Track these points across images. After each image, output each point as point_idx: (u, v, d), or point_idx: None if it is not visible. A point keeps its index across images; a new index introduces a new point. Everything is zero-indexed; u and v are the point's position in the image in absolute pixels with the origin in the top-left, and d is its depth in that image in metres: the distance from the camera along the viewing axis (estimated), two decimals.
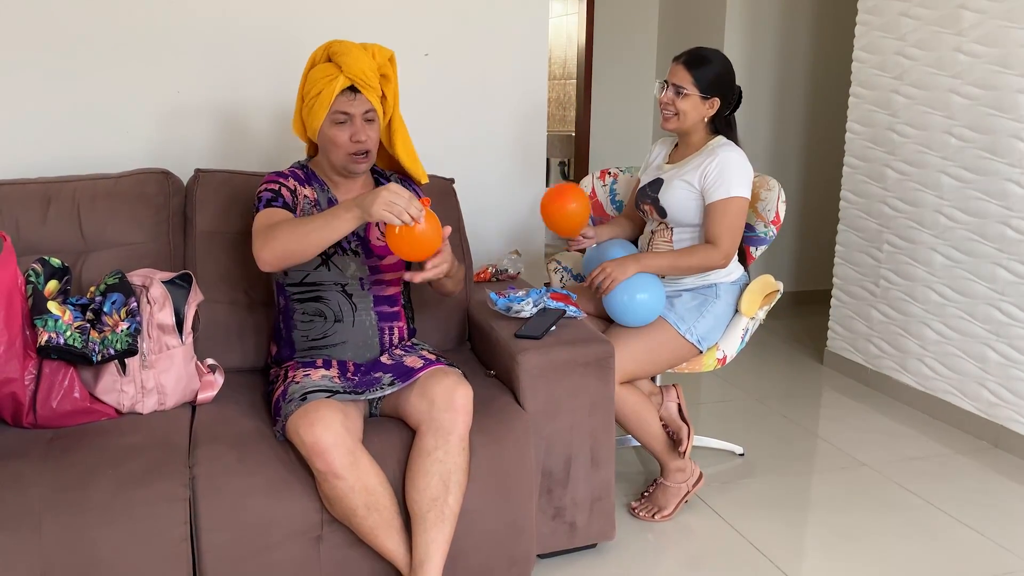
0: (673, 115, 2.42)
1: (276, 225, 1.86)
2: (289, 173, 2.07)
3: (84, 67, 2.49)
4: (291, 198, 2.01)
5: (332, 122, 1.97)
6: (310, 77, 1.98)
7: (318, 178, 2.09)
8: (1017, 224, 2.83)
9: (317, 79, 1.96)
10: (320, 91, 1.94)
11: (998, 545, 2.32)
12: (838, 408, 3.33)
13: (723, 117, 2.45)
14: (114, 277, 1.97)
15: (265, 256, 1.85)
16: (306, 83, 1.99)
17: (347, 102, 1.95)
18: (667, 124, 2.45)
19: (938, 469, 2.78)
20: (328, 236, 1.79)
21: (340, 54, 1.95)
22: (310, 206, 2.04)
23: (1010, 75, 2.83)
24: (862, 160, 3.51)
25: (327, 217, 1.79)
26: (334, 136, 1.98)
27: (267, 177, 2.06)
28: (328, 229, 1.79)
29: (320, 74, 1.96)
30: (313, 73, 1.98)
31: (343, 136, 1.97)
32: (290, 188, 2.03)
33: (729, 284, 2.48)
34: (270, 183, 2.03)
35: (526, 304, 2.23)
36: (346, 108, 1.96)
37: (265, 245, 1.85)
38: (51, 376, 1.84)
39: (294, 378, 1.92)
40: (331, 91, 1.93)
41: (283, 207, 1.98)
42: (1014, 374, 2.88)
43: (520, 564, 2.02)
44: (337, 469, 1.72)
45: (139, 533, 1.68)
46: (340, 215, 1.78)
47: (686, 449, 2.40)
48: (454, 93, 2.88)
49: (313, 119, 1.97)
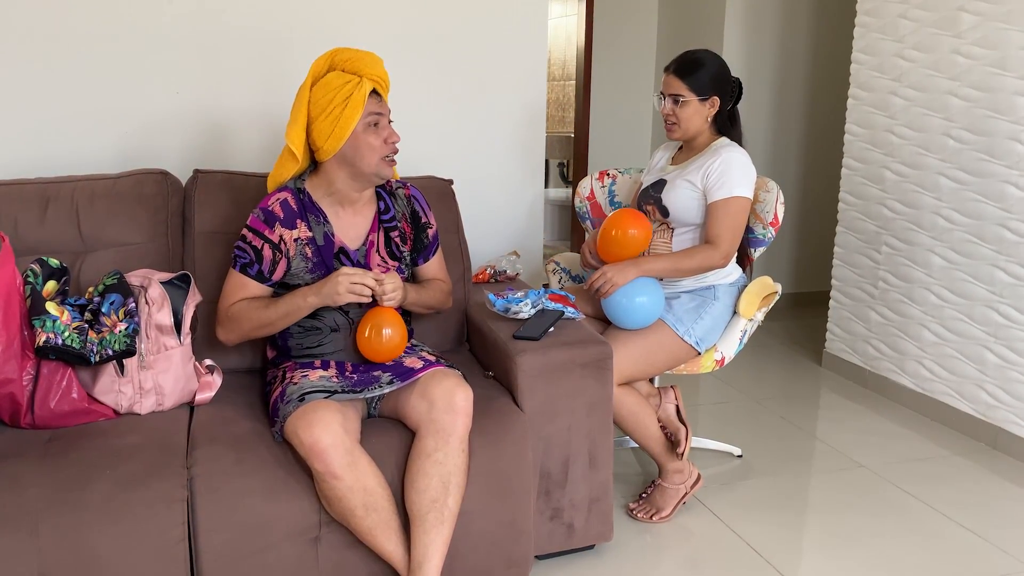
0: (676, 124, 2.42)
1: (240, 314, 1.97)
2: (281, 209, 1.98)
3: (82, 67, 2.49)
4: (271, 261, 1.97)
5: (366, 125, 1.93)
6: (325, 88, 1.91)
7: (315, 207, 2.01)
8: (1015, 226, 2.83)
9: (337, 87, 1.90)
10: (348, 96, 1.89)
11: (995, 547, 2.32)
12: (836, 410, 3.33)
13: (726, 112, 2.46)
14: (112, 278, 1.97)
15: (223, 339, 2.02)
16: (320, 95, 1.91)
17: (377, 104, 1.94)
18: (673, 135, 2.45)
19: (936, 470, 2.79)
20: (288, 324, 1.97)
21: (353, 60, 1.93)
22: (302, 247, 1.98)
23: (1008, 77, 2.83)
24: (861, 162, 3.52)
25: (288, 308, 1.93)
26: (370, 140, 1.93)
27: (253, 220, 1.98)
28: (288, 320, 1.95)
29: (338, 82, 1.90)
30: (326, 85, 1.91)
31: (378, 140, 1.94)
32: (274, 243, 1.97)
33: (728, 286, 2.49)
34: (253, 235, 1.97)
35: (524, 305, 2.23)
36: (379, 109, 1.94)
37: (226, 332, 2.01)
38: (49, 376, 1.84)
39: (292, 379, 1.92)
40: (362, 95, 1.89)
41: (257, 277, 1.98)
42: (1012, 376, 2.88)
43: (518, 565, 2.02)
44: (335, 469, 1.72)
45: (137, 534, 1.68)
46: (301, 308, 1.92)
47: (684, 450, 2.40)
48: (453, 94, 2.89)
49: (342, 128, 1.90)
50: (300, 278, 2.00)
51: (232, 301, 2.00)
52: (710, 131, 2.46)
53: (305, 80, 1.95)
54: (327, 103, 1.91)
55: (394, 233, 2.10)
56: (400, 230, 2.12)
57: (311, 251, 1.99)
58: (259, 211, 2.00)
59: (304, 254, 1.99)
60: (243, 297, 1.99)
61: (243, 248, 1.99)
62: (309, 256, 1.99)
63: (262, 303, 1.97)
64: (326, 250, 2.00)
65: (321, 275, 2.00)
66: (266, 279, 1.99)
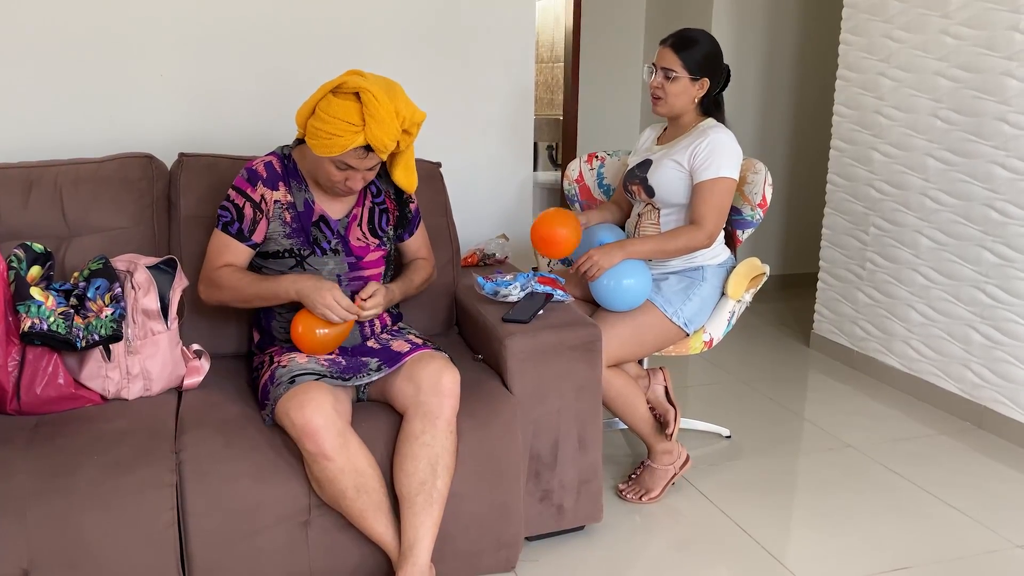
0: (663, 99, 2.41)
1: (223, 281, 1.97)
2: (265, 169, 1.99)
3: (66, 50, 2.46)
4: (251, 220, 1.96)
5: (332, 163, 1.89)
6: (330, 110, 1.81)
7: (298, 174, 2.02)
8: (1001, 206, 2.85)
9: (337, 120, 1.80)
10: (335, 136, 1.81)
11: (981, 524, 2.35)
12: (824, 390, 3.35)
13: (712, 96, 2.45)
14: (98, 262, 1.95)
15: (205, 299, 2.04)
16: (325, 112, 1.82)
17: (357, 159, 1.87)
18: (658, 108, 2.44)
19: (922, 450, 2.81)
20: (266, 304, 1.98)
21: (371, 111, 1.80)
22: (280, 210, 1.99)
23: (995, 57, 2.83)
24: (849, 143, 3.52)
25: (270, 289, 1.93)
26: (329, 172, 1.90)
27: (238, 180, 2.00)
28: (266, 301, 1.96)
29: (342, 114, 1.80)
30: (335, 108, 1.81)
31: (338, 175, 1.91)
32: (255, 201, 1.96)
33: (716, 267, 2.49)
34: (236, 194, 1.98)
35: (513, 288, 2.23)
36: (353, 163, 1.87)
37: (208, 293, 2.02)
38: (35, 362, 1.82)
39: (280, 362, 1.91)
40: (346, 144, 1.82)
41: (237, 236, 1.97)
42: (997, 355, 2.90)
43: (508, 547, 2.03)
44: (327, 450, 1.72)
45: (126, 519, 1.67)
46: (279, 295, 1.92)
47: (673, 432, 2.41)
48: (441, 76, 2.86)
49: (316, 149, 1.85)
50: (277, 243, 2.00)
51: (216, 263, 1.99)
52: (696, 112, 2.46)
53: (333, 81, 1.83)
54: (322, 123, 1.82)
55: (379, 210, 2.10)
56: (385, 208, 2.11)
57: (290, 216, 1.99)
58: (244, 171, 2.01)
59: (282, 218, 1.99)
60: (227, 260, 1.99)
61: (226, 207, 1.99)
62: (288, 221, 1.99)
63: (247, 278, 1.96)
64: (305, 216, 2.00)
65: (299, 241, 2.00)
66: (246, 238, 1.98)
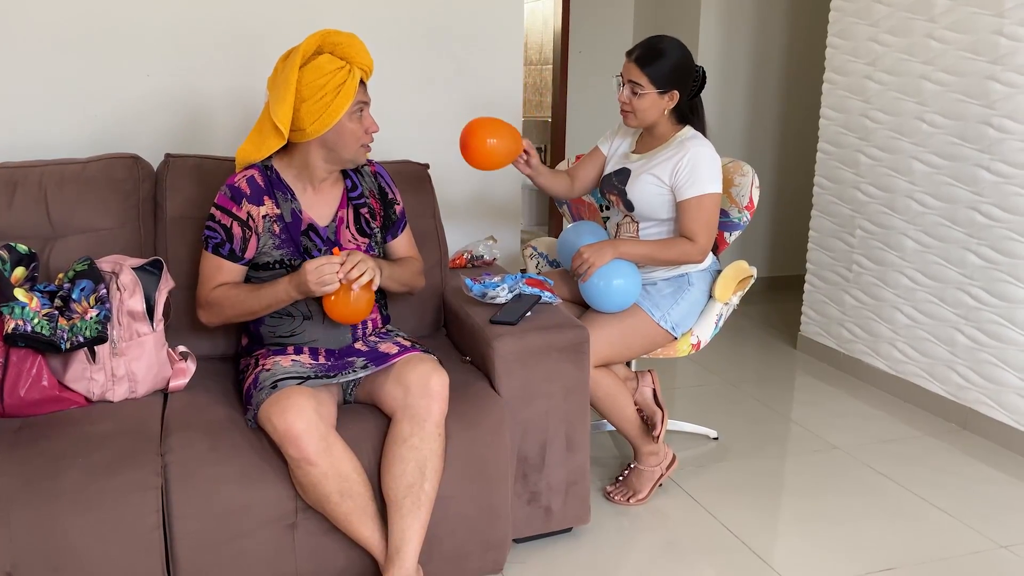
0: (631, 113, 2.39)
1: (222, 300, 1.96)
2: (248, 185, 1.97)
3: (51, 49, 2.44)
4: (241, 238, 1.96)
5: (351, 114, 1.93)
6: (317, 72, 1.86)
7: (283, 184, 2.00)
8: (986, 209, 2.87)
9: (329, 73, 1.87)
10: (340, 84, 1.87)
11: (966, 525, 2.36)
12: (811, 392, 3.36)
13: (685, 104, 2.42)
14: (83, 263, 1.94)
15: (205, 321, 2.03)
16: (312, 78, 1.86)
17: (363, 93, 1.95)
18: (628, 122, 2.42)
19: (908, 451, 2.83)
20: (272, 311, 1.97)
21: (343, 46, 1.91)
22: (269, 223, 1.97)
23: (980, 62, 2.85)
24: (835, 146, 3.54)
25: (270, 301, 1.92)
26: (353, 128, 1.94)
27: (220, 198, 1.97)
28: (270, 310, 1.96)
29: (330, 67, 1.87)
30: (318, 68, 1.87)
31: (360, 128, 1.96)
32: (242, 220, 1.95)
33: (701, 272, 2.49)
34: (222, 213, 1.96)
35: (501, 290, 2.23)
36: (365, 99, 1.96)
37: (208, 316, 2.02)
38: (19, 364, 1.81)
39: (264, 365, 1.91)
40: (353, 84, 1.89)
41: (229, 257, 1.97)
42: (982, 357, 2.92)
43: (496, 549, 2.02)
44: (310, 455, 1.71)
45: (111, 522, 1.66)
46: (282, 298, 1.92)
47: (659, 434, 2.41)
48: (429, 78, 2.86)
49: (330, 115, 1.88)
50: (268, 255, 1.99)
51: (211, 285, 1.98)
52: (670, 121, 2.44)
53: (292, 58, 1.88)
54: (318, 88, 1.87)
55: (363, 210, 2.09)
56: (369, 206, 2.11)
57: (279, 228, 1.98)
58: (226, 188, 1.99)
59: (272, 231, 1.98)
60: (222, 281, 1.98)
61: (213, 228, 1.97)
62: (277, 233, 1.98)
63: (244, 290, 1.96)
64: (294, 227, 1.99)
65: (289, 252, 1.99)
66: (239, 257, 1.98)
